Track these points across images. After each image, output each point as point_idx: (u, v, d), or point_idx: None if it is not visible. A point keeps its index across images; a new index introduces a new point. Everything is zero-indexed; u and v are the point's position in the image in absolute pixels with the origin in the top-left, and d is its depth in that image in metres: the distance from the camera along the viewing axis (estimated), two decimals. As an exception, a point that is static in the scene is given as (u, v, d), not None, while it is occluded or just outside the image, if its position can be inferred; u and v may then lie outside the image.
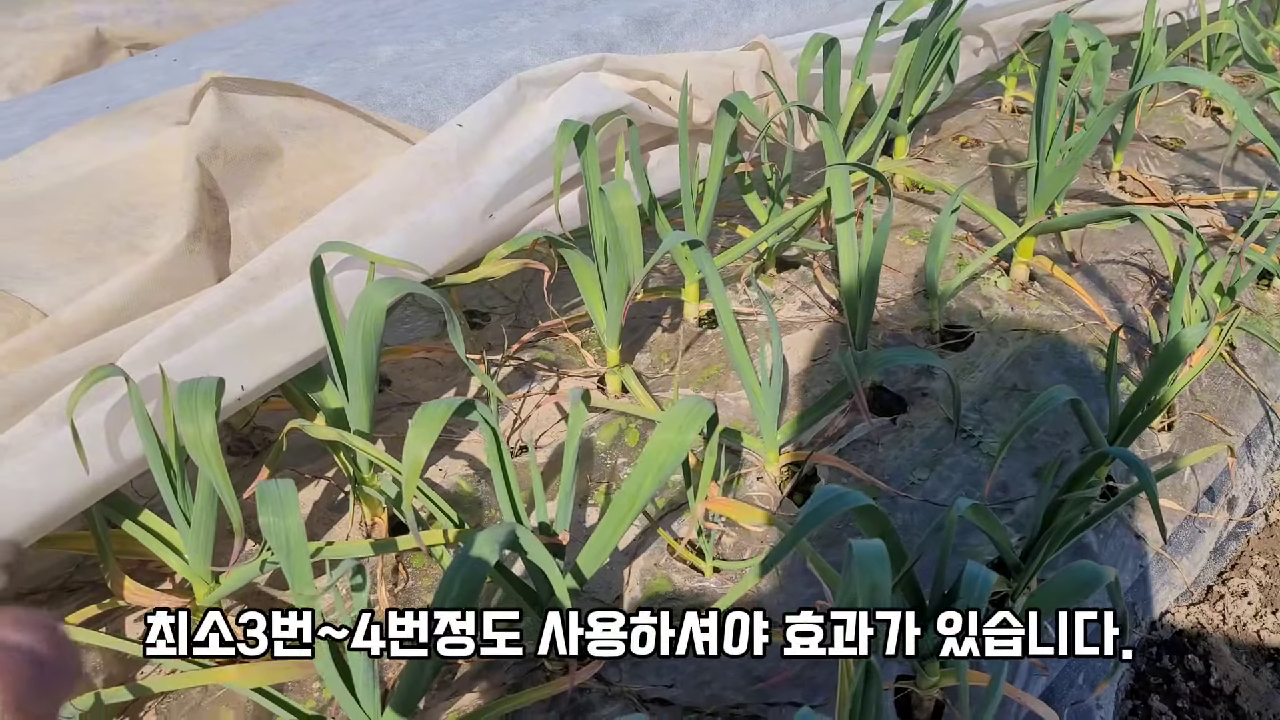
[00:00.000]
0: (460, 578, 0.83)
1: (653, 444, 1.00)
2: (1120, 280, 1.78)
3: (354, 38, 1.69)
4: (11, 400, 1.02)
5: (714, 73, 1.62)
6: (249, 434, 1.50)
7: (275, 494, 0.86)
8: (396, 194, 1.29)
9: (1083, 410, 1.24)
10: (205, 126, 1.20)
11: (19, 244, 1.11)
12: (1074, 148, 1.58)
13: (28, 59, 3.09)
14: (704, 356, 1.63)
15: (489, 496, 1.38)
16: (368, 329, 1.09)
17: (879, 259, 1.41)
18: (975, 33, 2.08)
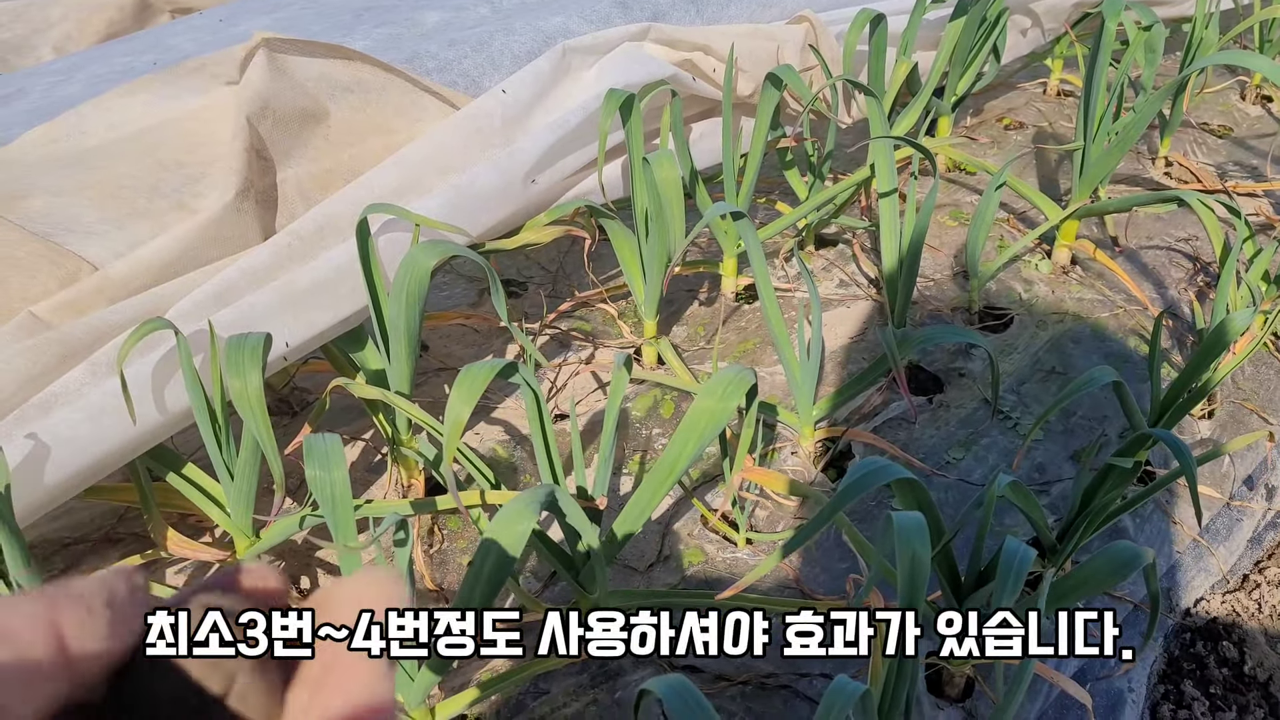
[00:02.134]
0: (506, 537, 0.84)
1: (694, 411, 1.00)
2: (1163, 266, 1.76)
3: (400, 2, 1.69)
4: (62, 350, 1.03)
5: (759, 46, 1.61)
6: (288, 394, 1.51)
7: (322, 448, 0.87)
8: (441, 158, 1.29)
9: (1124, 392, 1.23)
10: (255, 87, 1.21)
11: (73, 199, 1.12)
12: (1122, 131, 1.56)
13: (72, 20, 3.11)
14: (740, 331, 1.63)
15: (524, 463, 1.39)
16: (412, 291, 1.10)
17: (921, 237, 1.40)
18: (1023, 13, 2.06)
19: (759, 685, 1.10)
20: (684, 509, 1.32)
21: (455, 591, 1.21)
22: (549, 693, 1.10)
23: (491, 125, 1.33)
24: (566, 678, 1.12)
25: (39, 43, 3.07)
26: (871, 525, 1.29)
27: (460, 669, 1.12)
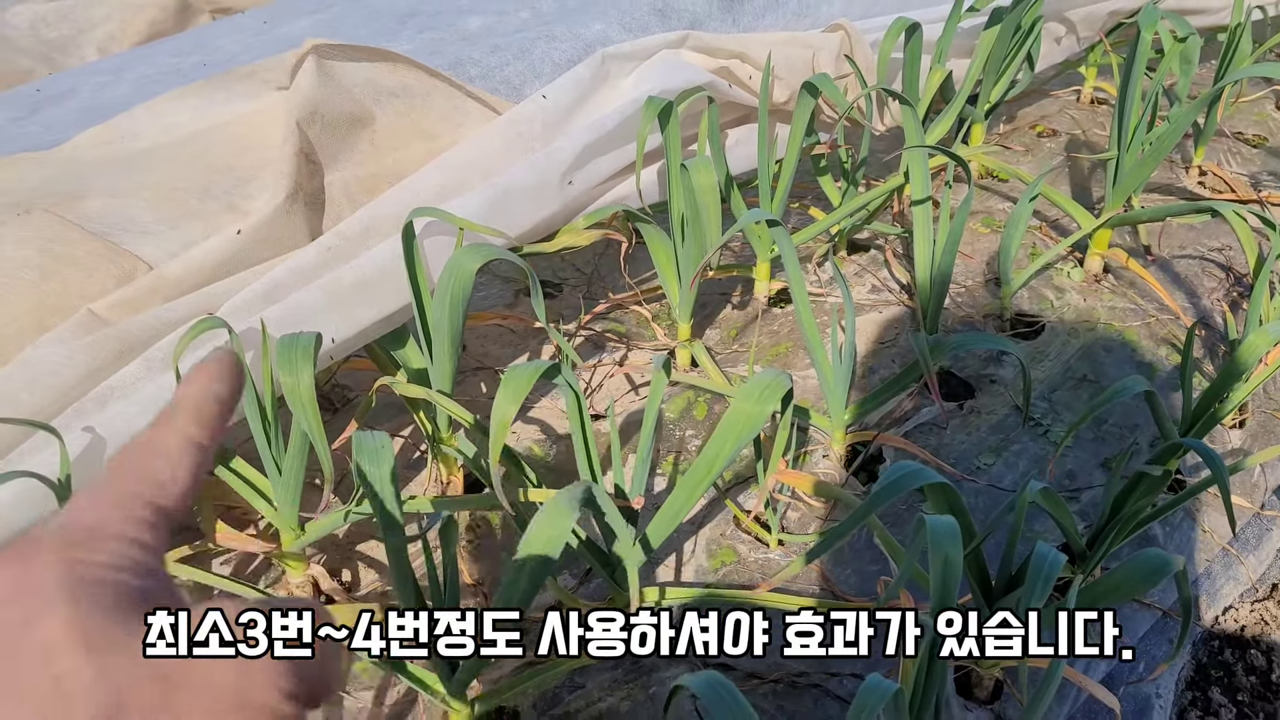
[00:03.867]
0: (546, 535, 0.86)
1: (731, 413, 1.02)
2: (1196, 276, 1.76)
3: (444, 7, 1.72)
4: (119, 346, 1.07)
5: (795, 54, 1.63)
6: (330, 390, 1.55)
7: (371, 444, 0.90)
8: (482, 162, 1.32)
9: (1156, 402, 1.24)
10: (305, 92, 1.24)
11: (129, 200, 1.16)
12: (1156, 141, 1.57)
13: (115, 20, 3.17)
14: (773, 335, 1.65)
15: (560, 461, 1.42)
16: (456, 293, 1.13)
17: (955, 244, 1.42)
18: (1058, 20, 2.06)
19: (790, 684, 1.12)
20: (717, 509, 1.34)
21: (494, 587, 1.23)
22: (584, 687, 1.13)
23: (532, 130, 1.36)
24: (601, 672, 1.14)
25: (84, 42, 3.13)
26: (902, 529, 1.31)
27: (498, 662, 1.14)
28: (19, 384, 0.99)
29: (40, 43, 3.11)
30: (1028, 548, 0.97)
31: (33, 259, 1.07)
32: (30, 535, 0.36)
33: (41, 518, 0.99)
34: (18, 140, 1.43)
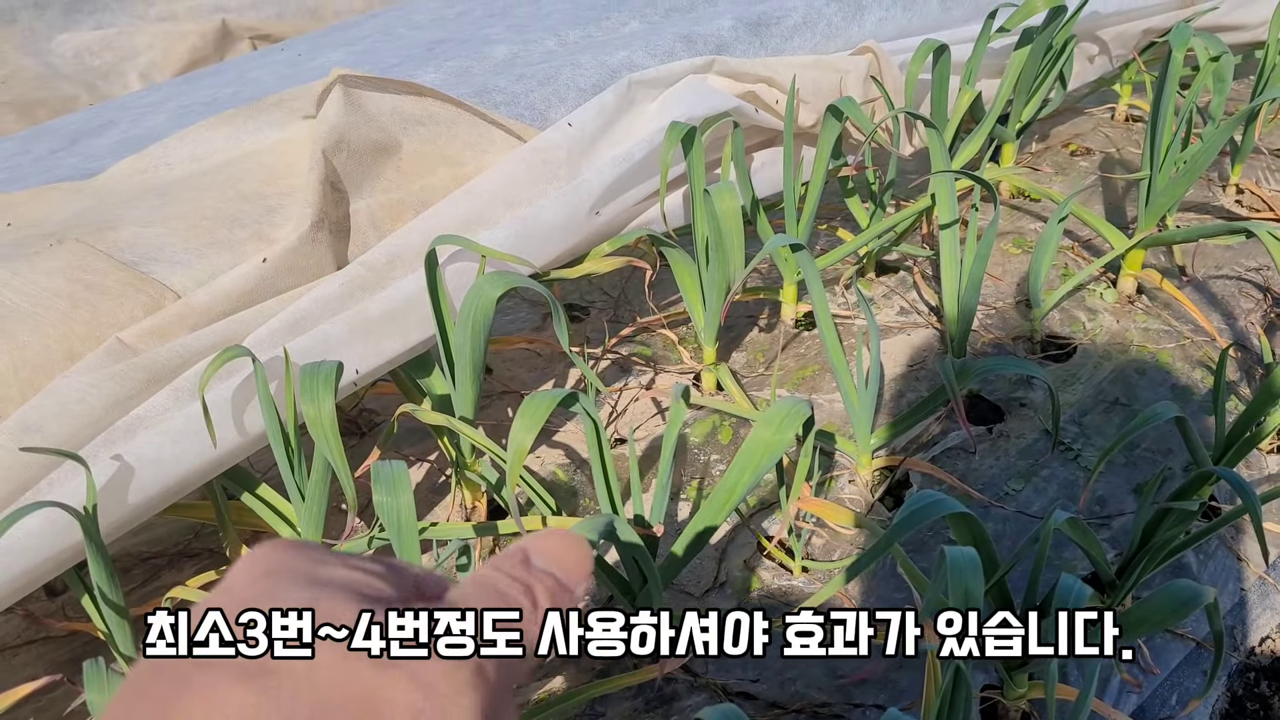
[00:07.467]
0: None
1: (750, 442, 1.02)
2: (1233, 297, 1.73)
3: (471, 35, 1.74)
4: (147, 375, 1.09)
5: (822, 76, 1.63)
6: (356, 415, 1.56)
7: (389, 474, 0.91)
8: (508, 190, 1.33)
9: (1187, 427, 1.22)
10: (331, 121, 1.25)
11: (159, 229, 1.18)
12: (1190, 160, 1.55)
13: (158, 49, 3.24)
14: (799, 358, 1.64)
15: (584, 486, 1.42)
16: (477, 320, 1.13)
17: (982, 267, 1.41)
18: (1090, 39, 2.04)
19: (812, 714, 1.11)
20: (740, 535, 1.33)
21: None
22: (604, 714, 1.13)
23: (557, 157, 1.37)
24: (622, 701, 1.14)
25: (127, 69, 3.20)
26: (928, 556, 1.29)
27: (520, 690, 1.14)
28: (48, 413, 1.01)
29: (84, 70, 3.19)
30: (1056, 575, 0.96)
31: (63, 288, 1.09)
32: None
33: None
34: (53, 171, 1.46)
